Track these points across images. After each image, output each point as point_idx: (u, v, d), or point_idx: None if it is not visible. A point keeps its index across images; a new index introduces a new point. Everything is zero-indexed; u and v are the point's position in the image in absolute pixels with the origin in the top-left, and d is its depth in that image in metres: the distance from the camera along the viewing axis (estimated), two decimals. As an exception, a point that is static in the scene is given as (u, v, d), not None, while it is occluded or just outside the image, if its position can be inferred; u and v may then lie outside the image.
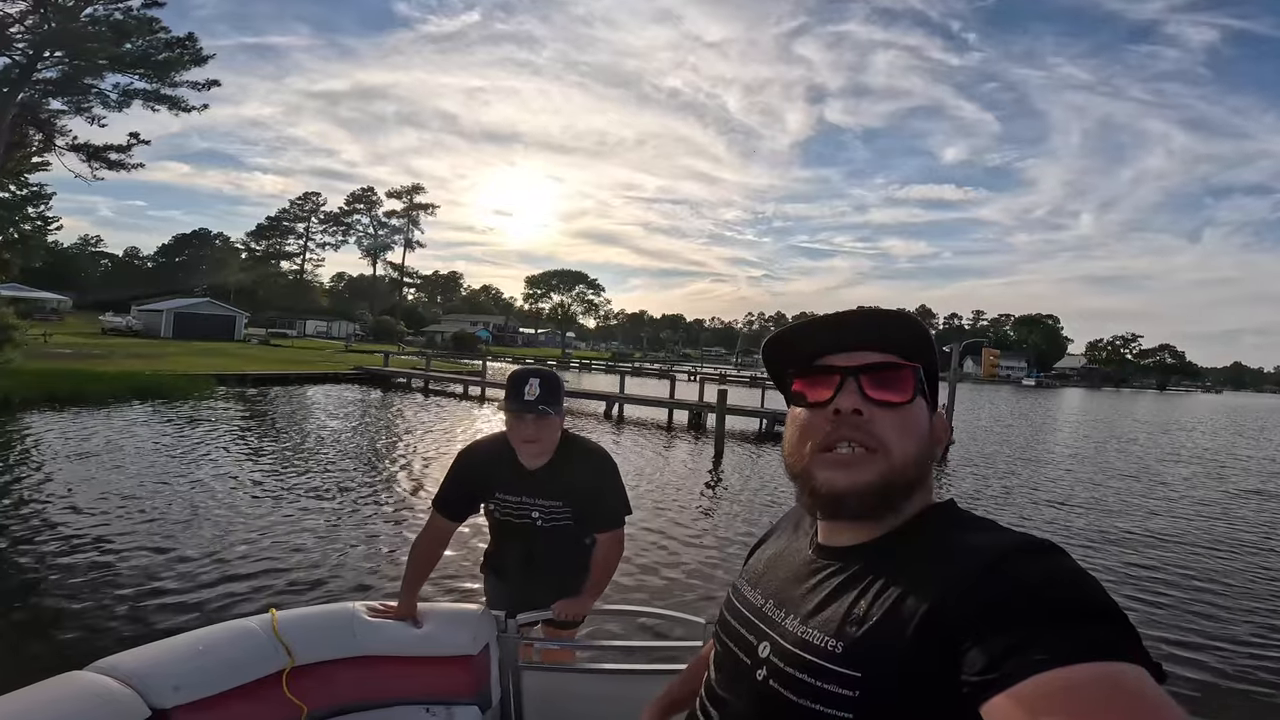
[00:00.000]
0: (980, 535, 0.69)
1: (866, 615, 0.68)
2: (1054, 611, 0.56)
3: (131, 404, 13.47)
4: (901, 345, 0.78)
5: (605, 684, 1.83)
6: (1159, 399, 66.12)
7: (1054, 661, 0.52)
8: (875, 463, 0.73)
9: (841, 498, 0.74)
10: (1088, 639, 0.53)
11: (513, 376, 1.97)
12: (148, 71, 25.18)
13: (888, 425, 0.74)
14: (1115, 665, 0.52)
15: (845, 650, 0.67)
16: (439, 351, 40.35)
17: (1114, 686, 0.50)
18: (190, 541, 5.41)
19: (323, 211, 78.35)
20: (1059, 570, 0.61)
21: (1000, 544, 0.65)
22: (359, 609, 1.85)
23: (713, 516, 7.89)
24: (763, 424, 16.77)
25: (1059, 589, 0.58)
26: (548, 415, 1.92)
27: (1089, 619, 0.56)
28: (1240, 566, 6.87)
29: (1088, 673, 0.51)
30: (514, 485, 2.05)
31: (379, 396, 19.54)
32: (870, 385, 0.75)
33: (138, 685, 1.35)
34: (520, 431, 1.94)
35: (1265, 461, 17.31)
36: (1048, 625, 0.55)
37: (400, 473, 8.97)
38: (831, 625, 0.70)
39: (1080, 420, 29.43)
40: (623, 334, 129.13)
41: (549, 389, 1.92)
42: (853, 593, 0.72)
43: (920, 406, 0.77)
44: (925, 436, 0.77)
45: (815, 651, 0.69)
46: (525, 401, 1.90)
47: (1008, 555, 0.63)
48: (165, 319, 40.66)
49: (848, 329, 0.79)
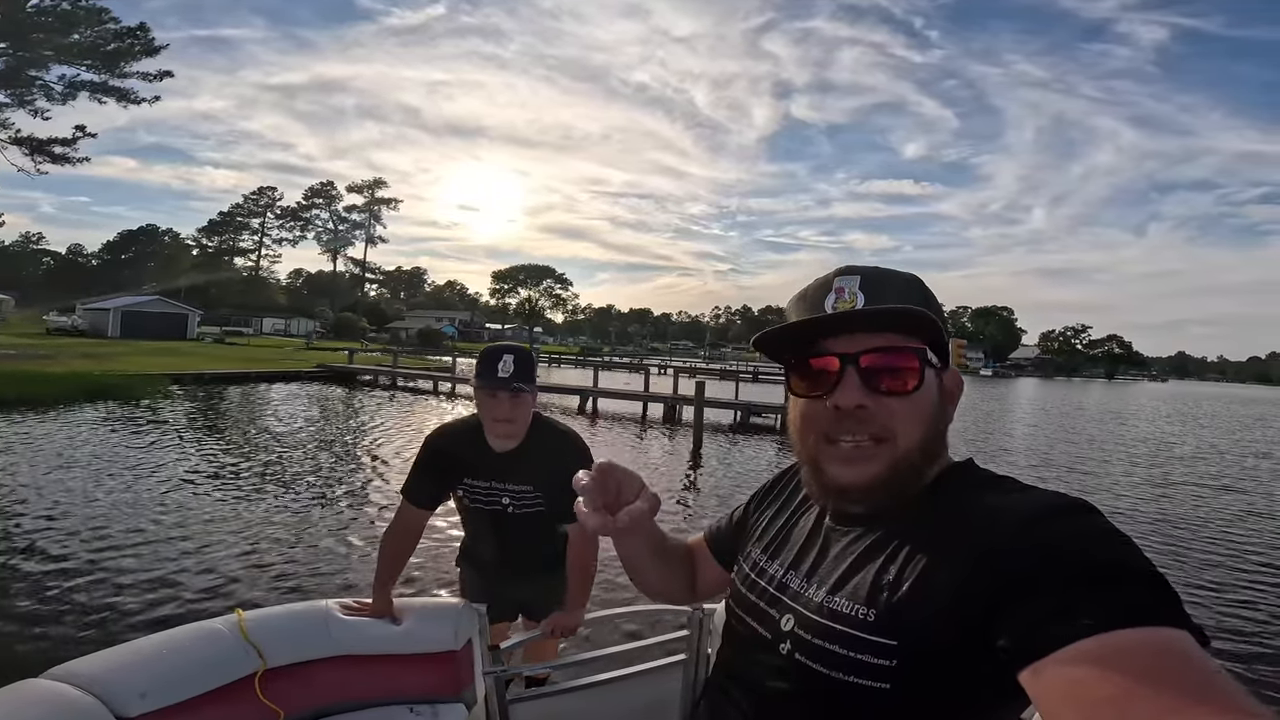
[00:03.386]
0: (1009, 496, 0.67)
1: (898, 581, 0.66)
2: (1093, 575, 0.54)
3: (83, 406, 12.86)
4: (903, 320, 0.71)
5: (591, 678, 1.79)
6: (1108, 388, 68.71)
7: (1097, 627, 0.50)
8: (882, 454, 0.70)
9: (849, 491, 0.72)
10: (1130, 603, 0.51)
11: (485, 352, 1.87)
12: (95, 63, 24.17)
13: (894, 413, 0.70)
14: (1161, 630, 0.49)
15: (879, 618, 0.65)
16: (405, 348, 39.60)
17: (1161, 652, 0.48)
18: (148, 544, 5.18)
19: (279, 206, 76.17)
20: (1094, 530, 0.58)
21: (1032, 504, 0.63)
22: (332, 607, 1.77)
23: (697, 507, 7.90)
24: (737, 415, 16.92)
25: (1096, 551, 0.56)
26: (522, 393, 1.83)
27: (1129, 582, 0.53)
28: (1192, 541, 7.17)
29: (1133, 638, 0.49)
30: (483, 470, 1.96)
31: (344, 394, 19.05)
32: (872, 374, 0.70)
33: (101, 693, 1.28)
34: (494, 410, 1.84)
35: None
36: (1087, 589, 0.53)
37: (369, 469, 8.75)
38: (861, 593, 0.68)
39: (1038, 411, 30.36)
40: (590, 329, 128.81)
41: (523, 366, 1.83)
42: (879, 559, 0.69)
43: (928, 384, 0.72)
44: (934, 412, 0.73)
45: (847, 621, 0.67)
46: (499, 379, 1.80)
47: (1041, 516, 0.61)
48: (113, 318, 38.96)
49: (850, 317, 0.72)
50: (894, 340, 0.71)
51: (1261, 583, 5.85)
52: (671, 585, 0.99)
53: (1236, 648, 4.28)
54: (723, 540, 1.00)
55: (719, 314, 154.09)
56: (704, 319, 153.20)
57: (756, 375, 26.12)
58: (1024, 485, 0.69)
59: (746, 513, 0.97)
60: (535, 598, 2.12)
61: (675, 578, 0.99)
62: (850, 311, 0.71)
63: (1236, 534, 7.65)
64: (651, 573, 0.95)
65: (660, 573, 0.96)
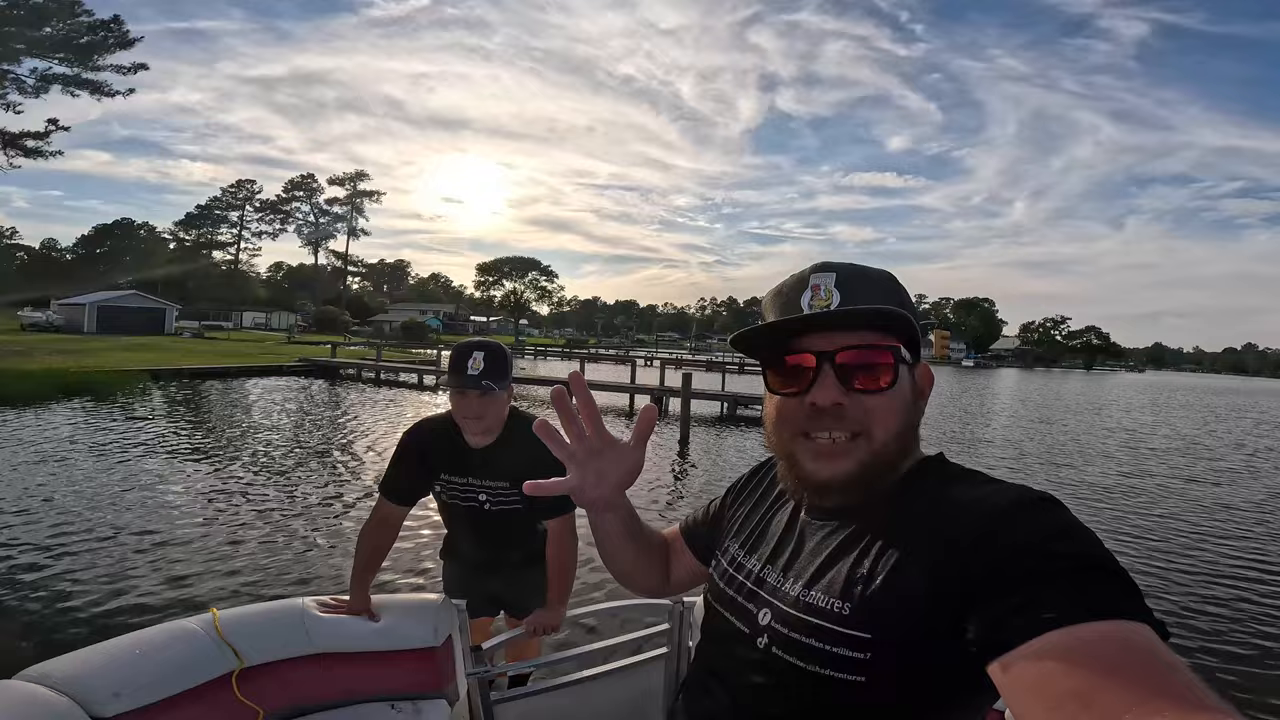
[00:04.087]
0: (976, 488, 0.68)
1: (872, 575, 0.67)
2: (1057, 568, 0.55)
3: (60, 403, 12.62)
4: (877, 318, 0.73)
5: (573, 675, 1.79)
6: (1086, 378, 69.80)
7: (1062, 620, 0.51)
8: (858, 450, 0.71)
9: (825, 486, 0.72)
10: (1094, 597, 0.52)
11: (456, 350, 1.86)
12: (68, 56, 23.68)
13: (870, 410, 0.71)
14: (1124, 624, 0.51)
15: (853, 611, 0.66)
16: (389, 341, 39.25)
17: (1124, 646, 0.49)
18: (119, 543, 5.09)
19: (258, 199, 74.44)
20: (1059, 524, 0.60)
21: (998, 498, 0.65)
22: (309, 605, 1.75)
23: (688, 500, 7.92)
24: (724, 407, 16.98)
25: (1061, 545, 0.57)
26: (492, 391, 1.81)
27: (1092, 576, 0.54)
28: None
29: (1096, 632, 0.50)
30: (459, 466, 1.95)
31: (327, 388, 18.86)
32: (848, 372, 0.71)
33: (75, 693, 1.26)
34: (464, 408, 1.84)
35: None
36: (1052, 583, 0.54)
37: (353, 464, 8.67)
38: (836, 587, 0.68)
39: (1018, 403, 30.75)
40: (576, 320, 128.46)
41: (494, 363, 1.82)
42: (854, 552, 0.70)
43: (902, 381, 0.73)
44: (907, 408, 0.74)
45: (822, 615, 0.68)
46: (468, 376, 1.80)
47: (1007, 511, 0.62)
48: (88, 313, 38.12)
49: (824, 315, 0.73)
50: (869, 338, 0.72)
51: (1223, 576, 5.97)
52: (645, 572, 0.99)
53: (1195, 642, 4.37)
54: (697, 533, 1.01)
55: (704, 305, 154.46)
56: (689, 310, 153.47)
57: (742, 367, 26.16)
58: (992, 479, 0.70)
59: (723, 507, 0.98)
60: (515, 594, 2.11)
61: (650, 565, 0.99)
62: (826, 311, 0.72)
63: (1198, 525, 7.81)
64: (626, 554, 0.94)
65: (635, 558, 0.95)
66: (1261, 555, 6.42)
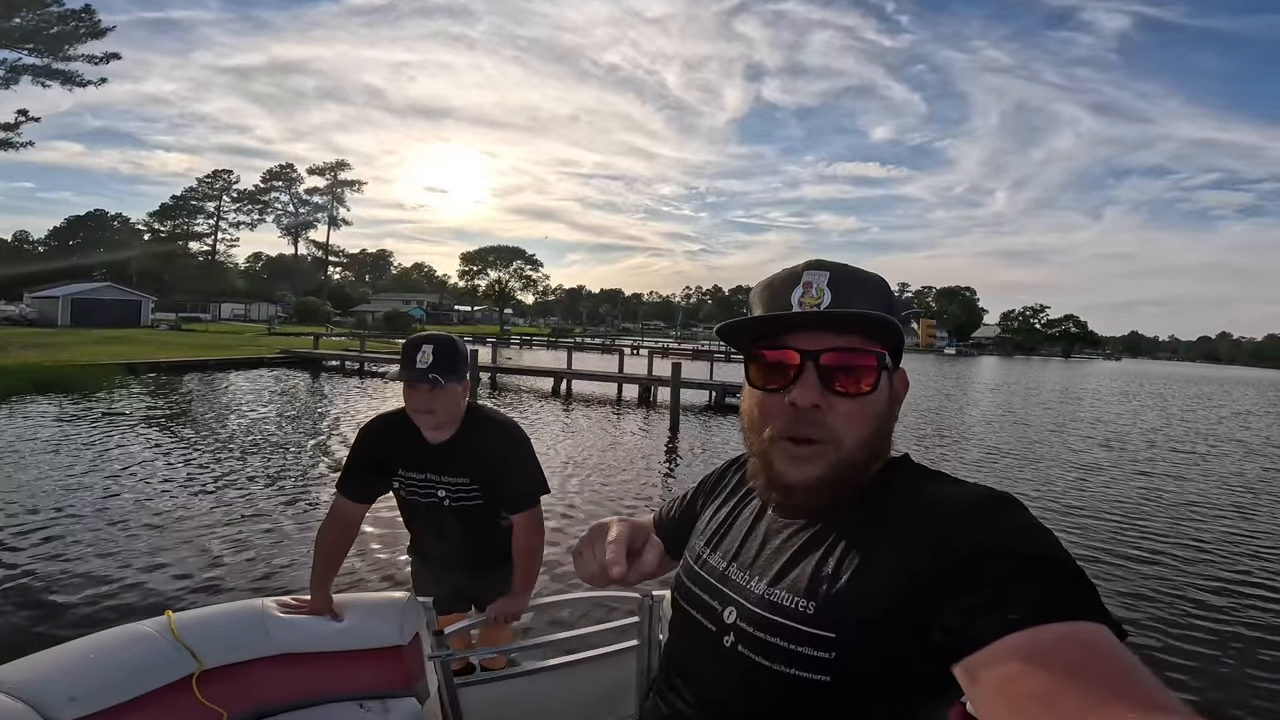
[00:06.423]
0: (938, 489, 0.68)
1: (837, 574, 0.66)
2: (1017, 570, 0.56)
3: (33, 399, 12.34)
4: (866, 323, 0.72)
5: (540, 667, 1.77)
6: (1065, 366, 70.83)
7: (1024, 622, 0.51)
8: (826, 454, 0.70)
9: (794, 489, 0.72)
10: (1053, 598, 0.53)
11: (406, 343, 1.83)
12: (38, 46, 23.07)
13: (844, 416, 0.70)
14: (1082, 625, 0.52)
15: (818, 610, 0.65)
16: (372, 332, 38.87)
17: (1084, 648, 0.50)
18: (75, 543, 4.95)
19: (236, 190, 73.04)
20: (1019, 526, 0.60)
21: (959, 499, 0.65)
22: (269, 605, 1.71)
23: (678, 489, 7.88)
24: (712, 396, 17.03)
25: (1020, 546, 0.58)
26: (439, 385, 1.77)
27: (1052, 578, 0.55)
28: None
29: (1057, 634, 0.51)
30: (417, 462, 1.91)
31: (309, 381, 18.64)
32: (830, 373, 0.70)
33: (30, 698, 1.24)
34: (413, 402, 1.81)
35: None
36: (1013, 585, 0.55)
37: (337, 458, 8.58)
38: (801, 586, 0.68)
39: (999, 390, 31.15)
40: (561, 309, 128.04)
41: (444, 356, 1.78)
42: (819, 552, 0.70)
43: (881, 387, 0.72)
44: (883, 414, 0.73)
45: (786, 614, 0.67)
46: (417, 370, 1.76)
47: (969, 512, 0.63)
48: (62, 306, 37.29)
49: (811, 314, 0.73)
50: (856, 342, 0.71)
51: (1183, 568, 6.08)
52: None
53: (1151, 639, 4.40)
54: (668, 528, 1.00)
55: (690, 294, 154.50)
56: (675, 299, 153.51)
57: (729, 355, 26.22)
58: (956, 480, 0.71)
59: (694, 501, 0.97)
60: (484, 590, 2.08)
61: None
62: (816, 311, 0.71)
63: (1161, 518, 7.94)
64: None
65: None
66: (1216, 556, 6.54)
